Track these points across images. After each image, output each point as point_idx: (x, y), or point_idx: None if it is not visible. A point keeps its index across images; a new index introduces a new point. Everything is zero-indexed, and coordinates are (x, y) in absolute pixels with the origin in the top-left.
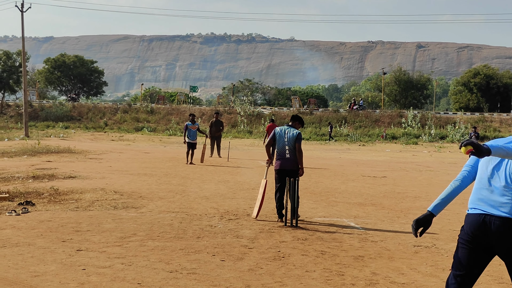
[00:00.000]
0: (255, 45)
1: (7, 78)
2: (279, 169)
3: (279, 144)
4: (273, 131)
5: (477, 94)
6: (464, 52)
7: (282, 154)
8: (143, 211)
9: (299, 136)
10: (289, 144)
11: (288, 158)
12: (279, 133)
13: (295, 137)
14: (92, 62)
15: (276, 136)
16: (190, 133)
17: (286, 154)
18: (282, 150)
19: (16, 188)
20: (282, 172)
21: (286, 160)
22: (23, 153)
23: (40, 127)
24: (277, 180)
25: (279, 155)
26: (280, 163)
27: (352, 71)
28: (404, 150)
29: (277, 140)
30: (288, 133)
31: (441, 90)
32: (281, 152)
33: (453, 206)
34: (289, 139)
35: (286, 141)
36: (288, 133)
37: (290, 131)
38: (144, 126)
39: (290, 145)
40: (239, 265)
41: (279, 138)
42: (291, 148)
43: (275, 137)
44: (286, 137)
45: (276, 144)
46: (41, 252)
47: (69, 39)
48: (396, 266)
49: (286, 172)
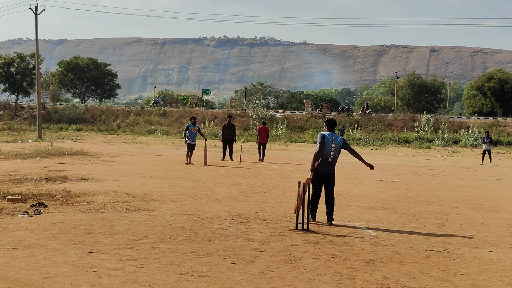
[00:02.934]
0: (268, 49)
1: (20, 80)
2: (322, 173)
3: (326, 149)
4: (321, 137)
5: (491, 99)
6: (478, 56)
7: (326, 159)
8: (155, 214)
9: (345, 141)
10: (336, 149)
11: (330, 163)
12: (327, 138)
13: (341, 142)
14: (106, 65)
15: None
16: (190, 134)
17: (330, 158)
18: (327, 155)
19: (29, 189)
20: (324, 175)
21: (329, 164)
22: (36, 155)
23: (53, 129)
24: (317, 183)
25: (323, 159)
26: (324, 167)
27: (365, 74)
28: (417, 154)
29: (324, 145)
30: (336, 139)
31: (455, 95)
32: (326, 156)
33: (466, 211)
34: (336, 145)
35: (333, 147)
36: (335, 139)
37: (336, 137)
38: (156, 129)
39: (336, 150)
40: (250, 268)
41: (326, 143)
42: (336, 153)
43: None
44: (334, 143)
45: (324, 148)
46: (53, 254)
47: (83, 42)
48: (408, 270)
49: (328, 175)
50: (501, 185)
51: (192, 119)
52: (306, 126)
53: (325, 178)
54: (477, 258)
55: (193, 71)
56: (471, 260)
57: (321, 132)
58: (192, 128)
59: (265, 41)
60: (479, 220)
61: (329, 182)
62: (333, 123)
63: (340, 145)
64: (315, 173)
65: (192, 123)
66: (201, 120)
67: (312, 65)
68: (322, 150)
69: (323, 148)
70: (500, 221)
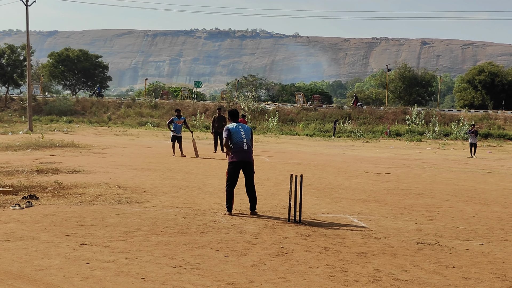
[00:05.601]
0: (259, 41)
1: (11, 72)
2: (239, 161)
3: (237, 139)
4: (227, 131)
5: (482, 92)
6: (469, 49)
7: (240, 148)
8: (147, 206)
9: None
10: (247, 136)
11: (246, 151)
12: (233, 129)
13: (250, 130)
14: (97, 57)
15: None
16: (176, 127)
17: (244, 146)
18: (240, 145)
19: (20, 182)
20: (241, 164)
21: (244, 152)
22: (27, 147)
23: (44, 121)
24: (232, 172)
25: (237, 149)
26: (240, 155)
27: (356, 67)
28: (408, 147)
29: (233, 136)
30: (243, 127)
31: (446, 87)
32: (240, 146)
33: (457, 204)
34: (246, 133)
35: (243, 135)
36: (243, 128)
37: (243, 125)
38: (147, 121)
39: (248, 138)
40: (243, 261)
41: (234, 134)
42: (249, 140)
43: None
44: (243, 131)
45: (235, 139)
46: (45, 246)
47: (74, 33)
48: (399, 263)
49: (245, 163)
50: (492, 177)
51: (177, 111)
52: (297, 119)
53: (243, 167)
54: (468, 250)
55: (184, 63)
56: (463, 252)
57: (226, 126)
58: (177, 120)
59: (256, 33)
60: (470, 213)
61: (247, 170)
62: (234, 114)
63: (250, 132)
64: (231, 162)
65: (177, 116)
66: (192, 112)
67: (303, 58)
68: (230, 141)
69: (231, 139)
70: (491, 213)
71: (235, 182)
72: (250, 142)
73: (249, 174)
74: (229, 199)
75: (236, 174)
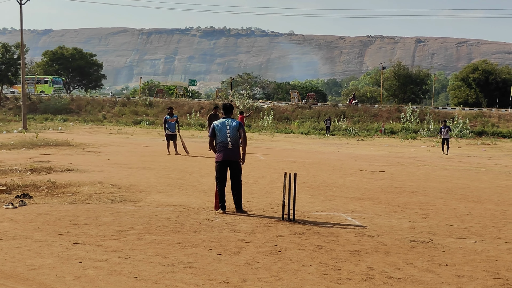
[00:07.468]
0: (255, 39)
1: (5, 70)
2: (224, 161)
3: (221, 137)
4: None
5: (476, 90)
6: (463, 47)
7: (225, 146)
8: (141, 205)
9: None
10: (232, 134)
11: (231, 149)
12: (217, 126)
13: (237, 125)
14: (91, 55)
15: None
16: (169, 125)
17: (229, 145)
18: (225, 143)
19: (14, 180)
20: (226, 163)
21: (230, 151)
22: (21, 146)
23: (39, 119)
24: (219, 171)
25: (222, 147)
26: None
27: (351, 65)
28: (402, 145)
29: (217, 134)
30: (230, 124)
31: (440, 85)
32: (224, 144)
33: (450, 202)
34: (232, 130)
35: (229, 133)
36: (229, 125)
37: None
38: (142, 119)
39: (233, 136)
40: (236, 259)
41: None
42: (234, 138)
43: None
44: (228, 129)
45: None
46: (38, 245)
47: (68, 32)
48: (393, 261)
49: (230, 162)
50: (485, 175)
51: (169, 109)
52: (293, 117)
53: (228, 166)
54: (461, 248)
55: (179, 61)
56: (456, 250)
57: (213, 123)
58: (170, 119)
59: (251, 32)
60: (463, 211)
61: (233, 169)
62: (228, 108)
63: (236, 128)
64: (217, 161)
65: (169, 114)
66: (187, 110)
67: (298, 56)
68: (214, 139)
69: (214, 137)
70: (484, 211)
71: (224, 180)
72: (236, 140)
73: (235, 173)
74: (221, 198)
75: (224, 173)
